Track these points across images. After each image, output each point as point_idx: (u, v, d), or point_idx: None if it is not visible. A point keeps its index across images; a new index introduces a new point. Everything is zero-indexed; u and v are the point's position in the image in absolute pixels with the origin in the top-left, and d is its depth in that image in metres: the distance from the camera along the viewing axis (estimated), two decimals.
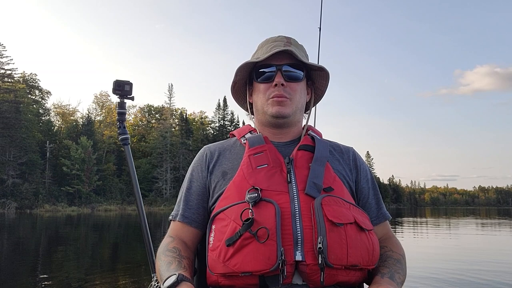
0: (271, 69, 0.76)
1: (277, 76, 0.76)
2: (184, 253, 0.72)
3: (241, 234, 0.63)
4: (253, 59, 0.78)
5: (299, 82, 0.78)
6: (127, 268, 5.85)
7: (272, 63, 0.76)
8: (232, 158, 0.79)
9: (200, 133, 49.00)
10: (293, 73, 0.77)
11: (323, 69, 0.79)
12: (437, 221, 21.04)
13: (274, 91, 0.76)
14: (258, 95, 0.79)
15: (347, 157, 0.82)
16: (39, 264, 6.11)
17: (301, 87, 0.79)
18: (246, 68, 0.79)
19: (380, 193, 0.85)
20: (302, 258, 0.63)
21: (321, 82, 0.83)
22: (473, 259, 6.47)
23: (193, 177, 0.80)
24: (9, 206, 27.89)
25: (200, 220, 0.78)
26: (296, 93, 0.77)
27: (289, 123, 0.79)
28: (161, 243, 0.76)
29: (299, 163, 0.73)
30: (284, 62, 0.76)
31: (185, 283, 0.62)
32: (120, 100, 1.13)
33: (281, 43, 0.78)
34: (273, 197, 0.67)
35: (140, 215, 1.13)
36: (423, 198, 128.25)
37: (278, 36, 0.80)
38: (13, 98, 32.95)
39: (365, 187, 0.81)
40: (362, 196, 0.80)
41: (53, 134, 39.01)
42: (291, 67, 0.77)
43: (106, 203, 35.06)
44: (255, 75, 0.79)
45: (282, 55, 0.76)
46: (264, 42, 0.81)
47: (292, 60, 0.77)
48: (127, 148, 1.17)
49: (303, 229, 0.64)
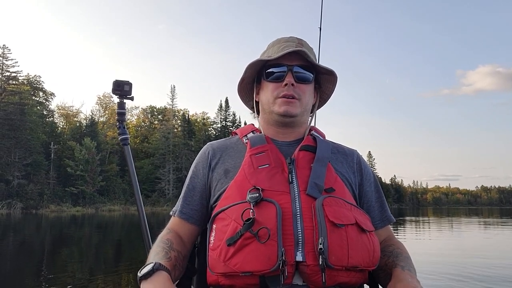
0: (282, 69, 0.76)
1: (288, 76, 0.75)
2: (176, 246, 0.72)
3: (242, 234, 0.63)
4: (265, 57, 0.77)
5: (309, 84, 0.78)
6: (130, 267, 5.89)
7: (283, 62, 0.76)
8: (235, 156, 0.78)
9: (202, 134, 49.07)
10: (304, 75, 0.77)
11: (333, 73, 0.79)
12: (439, 220, 20.89)
13: (283, 91, 0.76)
14: (266, 94, 0.79)
15: (351, 160, 0.81)
16: (44, 263, 6.18)
17: (309, 89, 0.78)
18: (256, 66, 0.79)
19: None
20: (302, 258, 0.63)
21: (327, 86, 0.83)
22: (475, 259, 6.40)
23: (194, 174, 0.80)
24: (15, 206, 28.21)
25: (198, 217, 0.78)
26: (305, 94, 0.77)
27: (295, 123, 0.79)
28: (159, 236, 0.76)
29: (301, 164, 0.73)
30: (295, 63, 0.76)
31: (160, 272, 0.62)
32: (119, 100, 1.14)
33: (293, 43, 0.78)
34: (274, 197, 0.67)
35: (140, 214, 1.14)
36: (425, 198, 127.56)
37: (290, 36, 0.80)
38: (18, 100, 33.29)
39: (369, 190, 0.81)
40: (366, 200, 0.80)
41: (57, 135, 39.35)
42: (302, 68, 0.76)
43: (110, 204, 35.33)
44: (265, 74, 0.78)
45: (293, 56, 0.76)
46: (275, 42, 0.81)
47: (303, 61, 0.77)
48: (127, 148, 1.18)
49: (304, 229, 0.64)
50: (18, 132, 31.72)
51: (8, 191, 29.55)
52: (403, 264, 0.69)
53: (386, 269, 0.72)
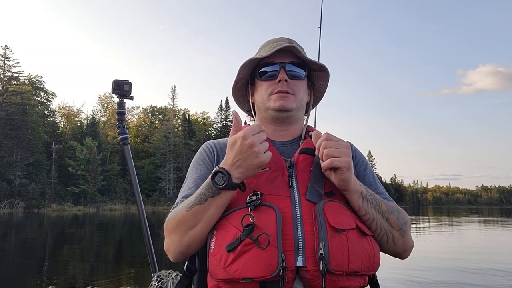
0: (275, 67, 0.77)
1: (281, 73, 0.76)
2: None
3: (242, 240, 0.62)
4: (257, 56, 0.79)
5: (302, 80, 0.79)
6: (131, 266, 5.90)
7: (275, 61, 0.77)
8: None
9: (203, 133, 49.13)
10: (296, 71, 0.78)
11: (324, 68, 0.80)
12: (439, 220, 20.84)
13: (277, 87, 0.76)
14: (260, 93, 0.79)
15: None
16: (45, 262, 6.20)
17: (303, 85, 0.79)
18: (249, 67, 0.80)
19: None
20: (303, 264, 0.62)
21: (320, 83, 0.84)
22: (475, 256, 6.38)
23: (195, 168, 0.80)
24: (17, 205, 28.31)
25: None
26: (299, 90, 0.78)
27: (291, 118, 0.79)
28: (168, 217, 0.72)
29: (301, 167, 0.72)
30: (287, 61, 0.77)
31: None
32: (119, 99, 1.14)
33: (283, 43, 0.78)
34: (274, 201, 0.66)
35: (140, 214, 1.14)
36: (426, 198, 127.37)
37: (280, 37, 0.81)
38: (20, 100, 33.34)
39: (364, 174, 0.81)
40: (360, 180, 0.79)
41: (59, 135, 39.45)
42: (294, 66, 0.77)
43: (111, 203, 35.39)
44: (258, 74, 0.79)
45: (284, 54, 0.77)
46: (265, 43, 0.82)
47: (295, 59, 0.78)
48: (127, 147, 1.18)
49: (305, 234, 0.64)
50: (19, 132, 31.77)
51: (10, 191, 29.64)
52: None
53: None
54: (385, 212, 0.71)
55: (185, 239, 0.69)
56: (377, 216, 0.70)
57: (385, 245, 0.71)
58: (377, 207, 0.70)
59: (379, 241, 0.70)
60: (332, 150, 0.66)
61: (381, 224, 0.70)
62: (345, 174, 0.66)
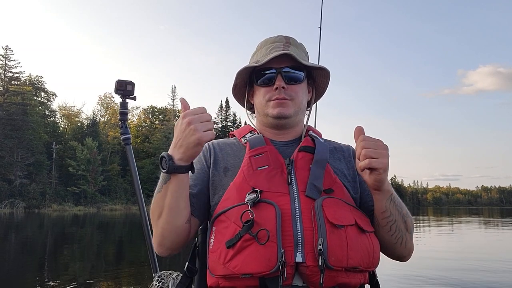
0: (271, 72, 0.76)
1: (278, 79, 0.75)
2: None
3: (241, 235, 0.62)
4: (252, 64, 0.78)
5: (300, 83, 0.78)
6: (131, 266, 5.91)
7: (272, 66, 0.76)
8: (234, 156, 0.78)
9: None
10: (294, 75, 0.76)
11: (324, 69, 0.80)
12: (439, 220, 20.81)
13: (275, 94, 0.76)
14: (258, 98, 0.79)
15: (348, 155, 0.82)
16: (46, 262, 6.20)
17: (302, 88, 0.78)
18: (246, 71, 0.79)
19: None
20: (302, 259, 0.62)
21: (322, 80, 0.83)
22: (476, 256, 6.37)
23: (195, 166, 0.79)
24: (17, 206, 28.34)
25: (199, 207, 0.76)
26: (297, 94, 0.77)
27: (291, 123, 0.79)
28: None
29: (300, 164, 0.73)
30: (284, 65, 0.76)
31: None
32: (122, 100, 1.14)
33: (280, 43, 0.78)
34: (273, 198, 0.67)
35: (141, 214, 1.14)
36: (426, 198, 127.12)
37: (277, 36, 0.80)
38: (20, 101, 33.38)
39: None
40: (365, 186, 0.78)
41: (59, 135, 39.44)
42: (291, 69, 0.76)
43: (111, 203, 35.39)
44: (255, 78, 0.78)
45: (282, 57, 0.75)
46: (263, 43, 0.81)
47: (292, 61, 0.76)
48: (129, 148, 1.18)
49: (304, 230, 0.64)
50: (20, 132, 31.81)
51: (11, 191, 29.66)
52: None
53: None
54: (404, 215, 0.71)
55: (158, 230, 0.71)
56: (398, 218, 0.70)
57: (398, 247, 0.72)
58: (400, 209, 0.71)
59: (394, 243, 0.71)
60: (370, 150, 0.65)
61: (400, 226, 0.71)
62: (381, 176, 0.65)
